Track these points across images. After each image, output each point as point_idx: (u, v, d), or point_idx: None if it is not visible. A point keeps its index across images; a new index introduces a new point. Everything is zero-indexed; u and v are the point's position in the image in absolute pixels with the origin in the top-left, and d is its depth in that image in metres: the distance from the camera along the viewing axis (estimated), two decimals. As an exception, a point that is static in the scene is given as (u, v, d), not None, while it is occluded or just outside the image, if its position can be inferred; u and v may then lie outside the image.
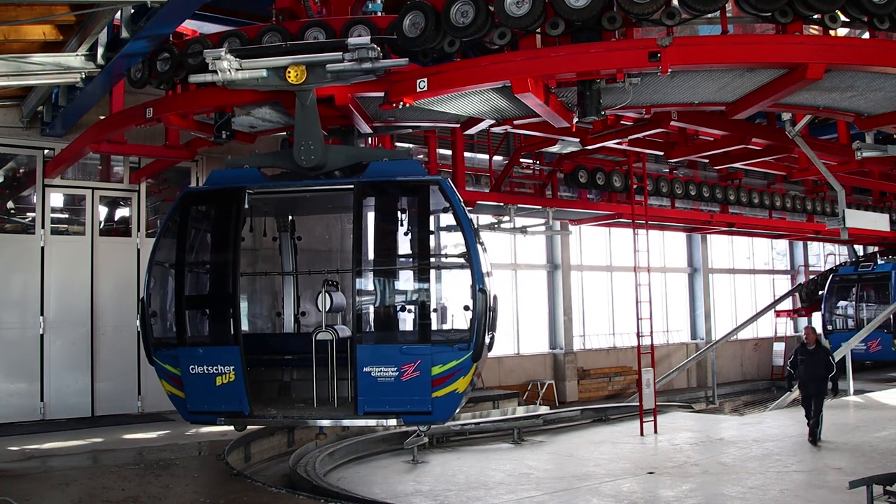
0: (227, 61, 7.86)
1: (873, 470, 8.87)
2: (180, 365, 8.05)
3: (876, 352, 21.56)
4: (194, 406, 8.12)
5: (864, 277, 22.99)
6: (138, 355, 13.83)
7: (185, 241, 8.42)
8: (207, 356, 7.99)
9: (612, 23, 7.42)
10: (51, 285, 13.20)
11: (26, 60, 9.75)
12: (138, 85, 10.43)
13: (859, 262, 24.13)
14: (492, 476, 10.42)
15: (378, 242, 8.22)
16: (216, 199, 8.58)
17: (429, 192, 8.05)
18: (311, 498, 8.01)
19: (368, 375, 7.68)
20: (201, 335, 8.51)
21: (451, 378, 7.65)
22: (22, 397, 12.84)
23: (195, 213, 8.66)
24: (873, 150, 11.57)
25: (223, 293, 8.33)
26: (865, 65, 7.72)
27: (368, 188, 8.19)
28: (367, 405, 7.74)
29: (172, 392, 8.24)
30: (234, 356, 7.89)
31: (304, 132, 8.29)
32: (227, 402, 7.97)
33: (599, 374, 20.90)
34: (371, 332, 8.09)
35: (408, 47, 8.34)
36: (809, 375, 12.07)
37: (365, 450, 11.90)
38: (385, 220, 8.33)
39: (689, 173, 19.05)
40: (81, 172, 14.44)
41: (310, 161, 8.27)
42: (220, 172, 8.71)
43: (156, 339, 8.28)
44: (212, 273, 8.69)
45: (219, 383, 7.89)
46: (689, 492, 9.28)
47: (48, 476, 8.76)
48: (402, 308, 8.13)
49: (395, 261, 8.34)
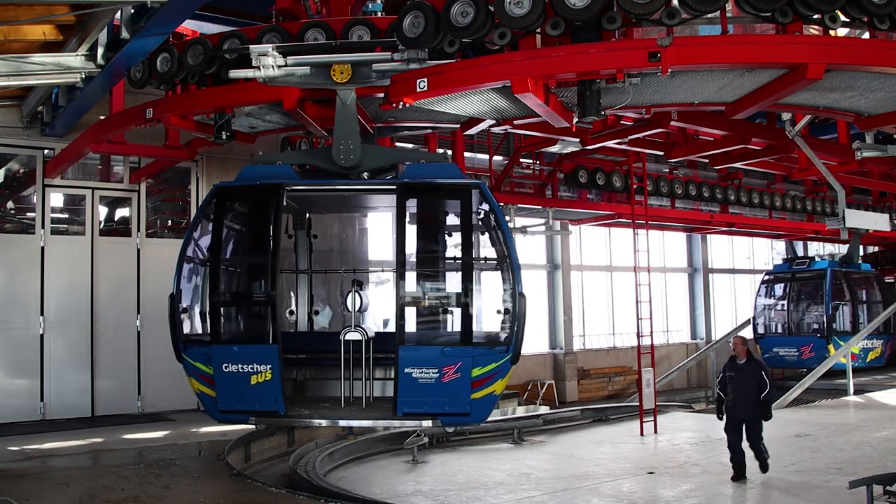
0: (271, 57, 7.86)
1: (873, 470, 8.86)
2: (213, 363, 7.86)
3: (809, 359, 19.32)
4: (226, 405, 7.93)
5: (799, 276, 20.83)
6: (138, 355, 13.86)
7: (219, 237, 8.24)
8: (243, 355, 7.83)
9: (612, 23, 7.42)
10: (51, 285, 13.21)
11: (26, 60, 9.75)
12: (138, 85, 10.44)
13: (794, 259, 22.06)
14: (492, 476, 10.42)
15: (420, 244, 8.17)
16: (253, 196, 8.38)
17: (470, 194, 8.03)
18: (311, 498, 8.01)
19: (409, 376, 7.65)
20: (237, 333, 8.37)
21: (489, 380, 7.69)
22: (22, 397, 12.85)
23: (229, 209, 8.47)
24: (873, 150, 11.58)
25: (262, 291, 8.19)
26: (865, 65, 7.73)
27: (411, 189, 8.12)
28: (407, 406, 7.72)
29: (202, 390, 8.07)
30: (272, 355, 7.77)
31: (344, 131, 8.26)
32: (262, 402, 7.83)
33: (599, 374, 20.90)
34: (414, 334, 8.03)
35: (408, 48, 8.34)
36: (739, 397, 9.49)
37: (365, 450, 11.89)
38: (427, 221, 8.32)
39: (689, 173, 19.06)
40: (81, 172, 14.45)
41: (349, 160, 8.22)
42: (252, 169, 8.52)
43: (186, 337, 8.13)
44: (249, 270, 8.55)
45: (253, 382, 7.76)
46: (689, 492, 9.27)
47: (48, 476, 8.76)
48: (445, 310, 8.09)
49: (438, 263, 8.34)
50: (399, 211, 8.04)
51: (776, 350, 20.24)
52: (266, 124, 10.93)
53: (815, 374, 16.88)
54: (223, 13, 13.70)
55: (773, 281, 21.41)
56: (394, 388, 7.80)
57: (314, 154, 9.00)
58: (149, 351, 13.93)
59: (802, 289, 20.92)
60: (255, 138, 11.60)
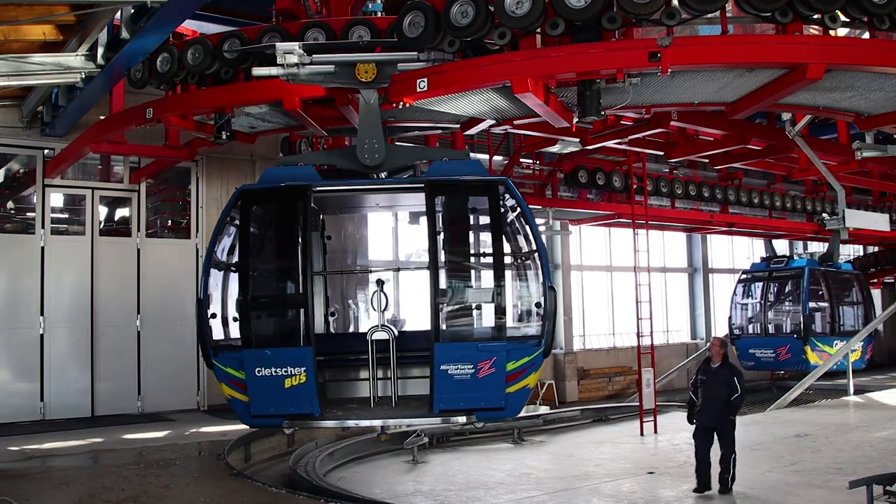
0: (297, 55, 7.87)
1: (873, 470, 8.85)
2: (245, 368, 7.75)
3: (786, 360, 18.65)
4: (259, 409, 7.82)
5: (776, 275, 19.78)
6: (138, 355, 13.86)
7: (247, 241, 8.18)
8: (277, 358, 7.74)
9: (612, 23, 7.42)
10: (51, 285, 13.21)
11: (26, 60, 9.76)
12: (138, 85, 10.44)
13: (772, 257, 20.78)
14: (492, 476, 10.41)
15: (451, 241, 8.20)
16: (280, 197, 8.31)
17: (497, 191, 8.08)
18: (311, 498, 8.01)
19: (445, 373, 7.67)
20: (270, 337, 8.25)
21: (523, 374, 7.76)
22: (22, 397, 12.85)
23: (256, 212, 8.42)
24: (873, 150, 11.58)
25: (295, 293, 8.11)
26: (865, 65, 7.73)
27: (439, 187, 8.12)
28: (443, 403, 7.73)
29: (233, 395, 7.93)
30: (307, 357, 7.72)
31: (368, 131, 8.25)
32: (296, 405, 7.78)
33: (599, 374, 20.89)
34: (448, 331, 8.03)
35: (408, 48, 8.35)
36: (708, 403, 8.83)
37: (365, 450, 11.89)
38: (456, 218, 8.32)
39: (689, 173, 19.06)
40: (81, 172, 14.45)
41: (374, 159, 8.21)
42: (275, 170, 8.47)
43: (216, 342, 8.03)
44: (281, 273, 8.46)
45: (287, 385, 7.69)
46: (689, 492, 9.26)
47: (48, 476, 8.76)
48: (478, 306, 8.12)
49: (470, 259, 8.36)
50: (429, 209, 8.02)
51: (752, 352, 19.32)
52: (266, 124, 10.94)
53: (815, 375, 16.87)
54: (223, 13, 13.70)
55: (749, 280, 20.46)
56: (430, 386, 7.81)
57: (337, 154, 9.00)
58: (149, 351, 13.95)
59: (779, 288, 20.05)
60: (255, 138, 11.60)
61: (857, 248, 26.61)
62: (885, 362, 28.56)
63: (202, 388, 14.40)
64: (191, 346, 14.45)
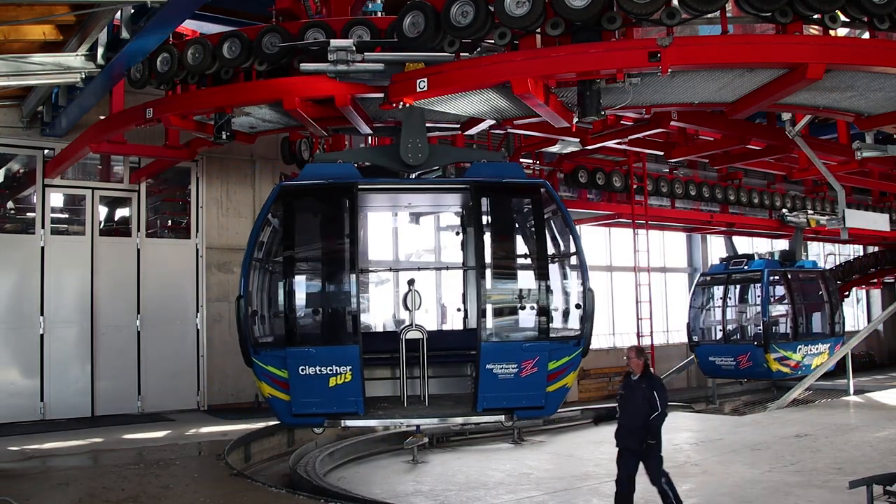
0: (349, 53, 7.94)
1: (873, 470, 8.85)
2: (288, 366, 7.68)
3: (746, 368, 17.37)
4: (300, 408, 7.77)
5: (735, 277, 18.47)
6: (138, 355, 13.86)
7: (291, 238, 8.13)
8: (322, 357, 7.70)
9: (612, 23, 7.42)
10: (51, 285, 13.21)
11: (26, 60, 9.75)
12: (138, 85, 10.44)
13: (732, 257, 19.39)
14: (492, 476, 10.42)
15: (496, 243, 8.27)
16: (325, 194, 8.27)
17: (539, 193, 8.19)
18: (311, 498, 8.00)
19: (490, 372, 7.72)
20: (315, 335, 8.21)
21: (563, 373, 7.90)
22: (22, 397, 12.84)
23: (299, 209, 8.34)
24: (873, 150, 11.57)
25: (341, 291, 8.10)
26: (865, 65, 7.73)
27: (483, 188, 8.18)
28: (486, 402, 7.78)
29: (273, 394, 7.85)
30: (353, 356, 7.69)
31: (412, 130, 8.27)
32: (340, 403, 7.75)
33: (599, 374, 20.87)
34: (494, 330, 8.10)
35: (407, 48, 8.35)
36: (626, 421, 7.73)
37: (365, 450, 11.89)
38: (501, 220, 8.41)
39: (689, 173, 19.07)
40: (81, 172, 14.46)
41: (417, 159, 8.22)
42: (315, 167, 8.41)
43: (257, 340, 7.93)
44: (327, 270, 8.41)
45: (332, 384, 7.66)
46: (689, 492, 9.26)
47: (48, 476, 8.75)
48: (522, 306, 8.17)
49: (514, 260, 8.40)
50: (475, 210, 8.11)
51: (712, 359, 18.06)
52: (266, 124, 10.93)
53: (815, 375, 16.88)
54: (223, 13, 13.70)
55: (708, 283, 19.11)
56: (474, 384, 7.90)
57: (378, 152, 8.97)
58: (149, 351, 13.94)
59: (739, 291, 18.80)
60: (255, 138, 11.60)
61: (858, 248, 26.59)
62: (885, 362, 28.61)
63: (202, 388, 14.40)
64: (191, 346, 14.49)
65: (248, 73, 9.72)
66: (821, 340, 17.99)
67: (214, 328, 14.73)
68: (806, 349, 17.51)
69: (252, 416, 13.03)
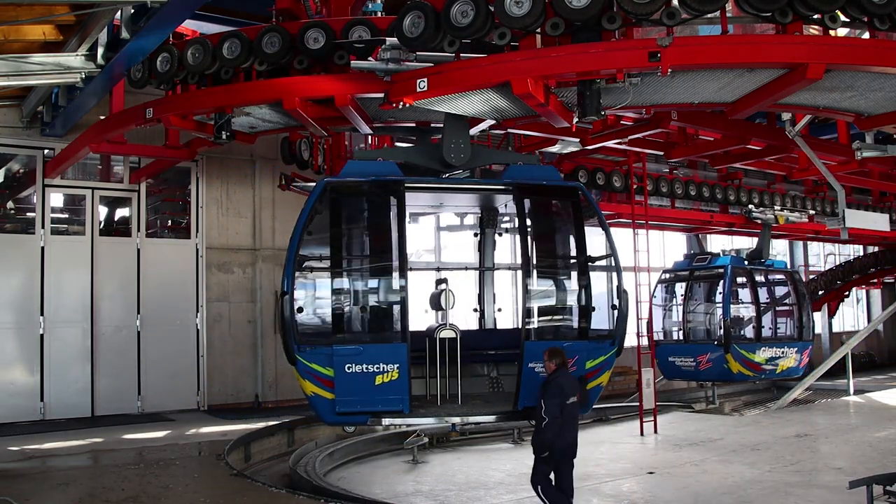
0: (399, 51, 7.99)
1: (873, 470, 8.86)
2: (333, 364, 7.64)
3: (707, 369, 16.52)
4: (345, 406, 7.73)
5: (697, 275, 17.60)
6: (138, 355, 13.87)
7: (338, 234, 8.09)
8: (370, 354, 7.68)
9: (612, 23, 7.41)
10: (51, 285, 13.22)
11: (26, 60, 9.76)
12: (138, 85, 10.44)
13: (696, 254, 18.79)
14: (492, 476, 10.42)
15: (538, 244, 8.40)
16: (372, 192, 8.23)
17: (577, 196, 8.39)
18: (311, 498, 8.01)
19: (532, 371, 7.84)
20: (363, 333, 8.21)
21: (599, 372, 8.15)
22: (22, 397, 12.86)
23: (346, 205, 8.33)
24: (873, 150, 11.55)
25: (391, 289, 8.09)
26: (865, 65, 7.71)
27: (526, 190, 8.32)
28: (527, 400, 7.87)
29: (316, 392, 7.74)
30: (401, 354, 7.68)
31: (455, 130, 8.39)
32: (385, 402, 7.72)
33: (599, 374, 20.83)
34: (537, 330, 8.25)
35: (408, 47, 8.34)
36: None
37: (365, 450, 11.90)
38: (542, 221, 8.55)
39: (689, 173, 19.04)
40: (81, 172, 14.47)
41: (459, 159, 8.35)
42: (358, 165, 8.40)
43: (301, 337, 7.79)
44: (375, 268, 8.42)
45: (378, 382, 7.64)
46: (689, 492, 9.28)
47: (48, 476, 8.76)
48: (563, 306, 8.35)
49: (556, 262, 8.58)
50: (520, 211, 8.24)
51: (672, 360, 17.18)
52: (266, 124, 10.93)
53: (815, 375, 16.90)
54: (223, 13, 13.71)
55: (670, 280, 18.31)
56: (516, 383, 7.97)
57: (418, 151, 8.99)
58: (149, 351, 13.96)
59: (701, 289, 17.92)
60: (255, 138, 11.59)
61: (858, 248, 26.59)
62: (885, 362, 28.62)
63: (202, 388, 14.41)
64: (191, 346, 14.50)
65: (248, 73, 9.71)
66: (787, 343, 17.11)
67: (214, 328, 14.75)
68: (770, 352, 16.66)
69: (252, 416, 13.05)
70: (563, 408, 7.36)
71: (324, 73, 9.29)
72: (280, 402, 14.97)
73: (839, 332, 27.03)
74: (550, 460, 7.58)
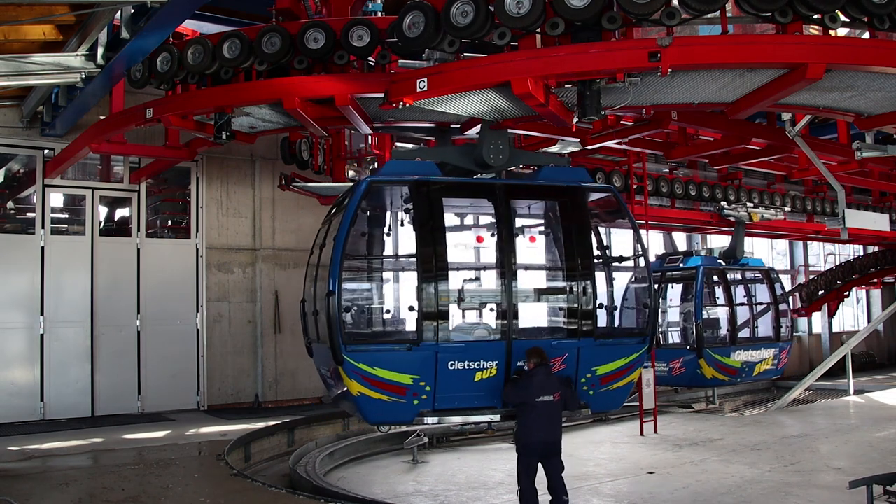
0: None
1: (873, 470, 8.86)
2: (438, 361, 7.61)
3: (679, 375, 16.01)
4: (443, 403, 7.76)
5: (669, 276, 17.00)
6: (138, 355, 13.87)
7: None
8: (472, 351, 7.75)
9: (612, 23, 7.42)
10: (51, 285, 13.22)
11: (26, 60, 9.76)
12: (138, 85, 10.44)
13: (668, 254, 18.28)
14: (492, 476, 10.42)
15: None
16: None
17: (609, 197, 8.67)
18: (311, 498, 8.01)
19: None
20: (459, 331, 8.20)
21: (631, 369, 8.27)
22: (22, 397, 12.86)
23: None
24: (873, 150, 11.55)
25: (492, 288, 8.15)
26: (865, 65, 7.71)
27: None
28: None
29: (363, 392, 7.62)
30: (501, 351, 7.80)
31: (494, 131, 8.48)
32: (481, 398, 7.84)
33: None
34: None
35: (408, 47, 8.34)
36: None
37: (365, 450, 11.90)
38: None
39: (689, 173, 19.04)
40: (81, 172, 14.47)
41: (499, 160, 8.43)
42: (397, 164, 8.41)
43: (349, 337, 7.67)
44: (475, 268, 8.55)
45: (477, 379, 7.73)
46: (689, 492, 9.28)
47: (48, 476, 8.76)
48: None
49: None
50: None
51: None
52: (266, 124, 10.93)
53: (814, 375, 16.89)
54: (223, 13, 13.71)
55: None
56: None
57: (455, 151, 8.97)
58: (149, 351, 13.96)
59: (674, 291, 17.36)
60: (255, 138, 11.59)
61: (858, 249, 26.58)
62: (885, 362, 28.62)
63: (202, 388, 14.41)
64: (191, 346, 14.50)
65: (248, 73, 9.71)
66: (764, 345, 16.67)
67: (214, 328, 14.75)
68: (746, 354, 16.21)
69: (252, 416, 13.06)
70: (527, 402, 7.47)
71: (324, 73, 9.31)
72: (280, 402, 14.98)
73: (839, 332, 27.01)
74: (524, 456, 7.71)
